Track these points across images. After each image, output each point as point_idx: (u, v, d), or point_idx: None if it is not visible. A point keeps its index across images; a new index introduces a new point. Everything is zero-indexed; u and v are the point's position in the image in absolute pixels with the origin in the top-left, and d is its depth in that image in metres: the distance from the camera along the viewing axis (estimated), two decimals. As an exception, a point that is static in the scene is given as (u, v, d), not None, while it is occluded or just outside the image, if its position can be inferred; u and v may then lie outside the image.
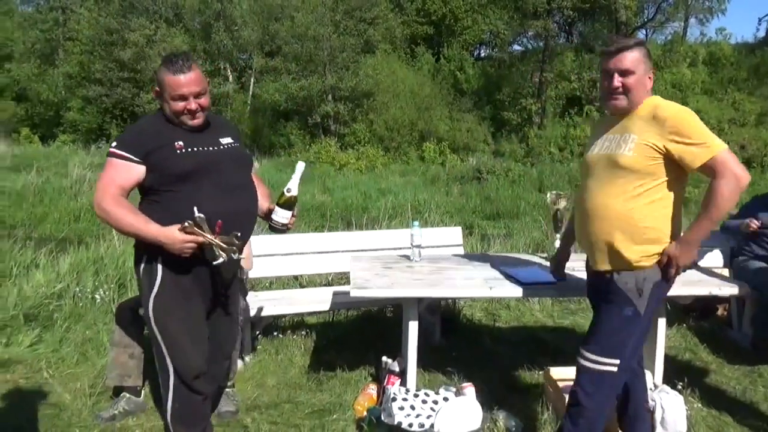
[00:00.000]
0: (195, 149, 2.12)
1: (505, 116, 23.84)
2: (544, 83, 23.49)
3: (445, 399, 2.76)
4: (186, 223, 1.99)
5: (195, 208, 2.01)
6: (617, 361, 2.14)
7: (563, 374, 3.07)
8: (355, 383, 3.28)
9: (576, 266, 2.84)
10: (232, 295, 2.38)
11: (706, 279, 2.96)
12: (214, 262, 2.05)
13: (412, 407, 2.70)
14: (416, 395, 2.77)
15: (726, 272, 4.02)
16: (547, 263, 3.22)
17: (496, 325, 4.38)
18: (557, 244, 3.27)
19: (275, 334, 3.96)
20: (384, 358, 3.18)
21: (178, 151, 2.09)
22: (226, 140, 2.24)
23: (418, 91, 23.93)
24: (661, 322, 3.01)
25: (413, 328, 2.88)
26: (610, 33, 25.10)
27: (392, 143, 22.55)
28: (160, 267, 2.13)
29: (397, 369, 3.04)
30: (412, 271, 3.07)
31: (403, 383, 2.96)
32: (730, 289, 2.85)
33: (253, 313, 3.55)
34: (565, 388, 2.95)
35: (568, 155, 21.00)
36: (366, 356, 3.55)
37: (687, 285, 2.80)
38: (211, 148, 2.17)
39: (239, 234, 2.07)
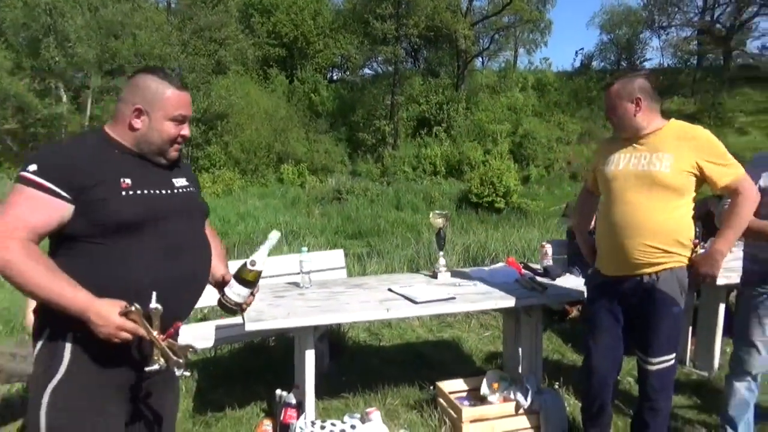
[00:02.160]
0: (145, 192, 1.58)
1: (360, 137, 24.49)
2: (395, 105, 24.53)
3: (353, 427, 2.73)
4: (133, 307, 1.43)
5: (153, 294, 1.48)
6: (674, 354, 2.44)
7: (454, 387, 3.20)
8: (247, 421, 3.12)
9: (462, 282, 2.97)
10: (164, 399, 1.77)
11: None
12: (147, 368, 1.49)
13: (319, 439, 2.63)
14: (323, 427, 2.71)
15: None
16: (434, 279, 3.35)
17: (381, 344, 4.43)
18: (441, 261, 3.42)
19: (151, 377, 3.63)
20: (278, 392, 3.06)
21: (124, 193, 1.54)
22: (180, 182, 1.73)
23: (274, 113, 23.73)
24: (539, 330, 3.28)
25: (310, 357, 2.82)
26: (452, 59, 27.04)
27: (249, 166, 22.04)
28: (68, 347, 1.52)
29: (293, 401, 2.94)
30: (305, 298, 3.01)
31: (302, 415, 2.87)
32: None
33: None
34: (458, 399, 3.08)
35: (420, 174, 22.10)
36: (255, 391, 3.39)
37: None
38: (162, 192, 1.64)
39: (193, 348, 1.56)
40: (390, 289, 3.10)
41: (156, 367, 1.48)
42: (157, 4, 24.74)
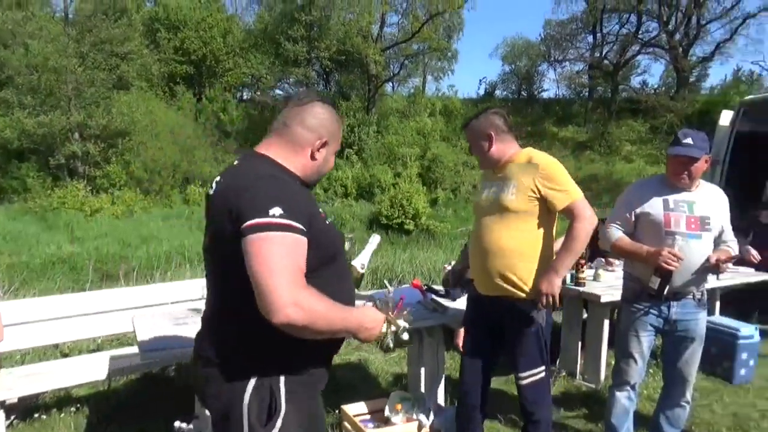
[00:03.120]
0: (328, 221, 1.61)
1: (271, 158, 24.10)
2: (307, 127, 24.45)
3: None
4: (378, 301, 1.66)
5: (387, 283, 1.83)
6: (543, 367, 2.58)
7: (358, 410, 3.22)
8: (142, 456, 2.97)
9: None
10: None
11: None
12: (388, 347, 1.66)
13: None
14: (222, 457, 2.63)
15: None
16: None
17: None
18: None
19: (36, 416, 3.37)
20: (177, 423, 2.94)
21: (327, 222, 1.58)
22: None
23: (180, 132, 22.95)
24: (441, 349, 3.39)
25: (211, 385, 2.74)
26: (363, 83, 27.53)
27: (153, 186, 21.10)
28: (282, 388, 1.48)
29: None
30: (206, 325, 2.93)
31: (202, 447, 2.78)
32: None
33: (4, 396, 2.98)
34: (362, 422, 3.11)
35: (332, 195, 22.17)
36: (155, 423, 3.24)
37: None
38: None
39: (412, 310, 1.77)
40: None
41: (390, 342, 1.65)
42: (53, 14, 23.36)
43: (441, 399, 3.30)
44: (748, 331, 4.40)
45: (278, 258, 1.33)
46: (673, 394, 2.97)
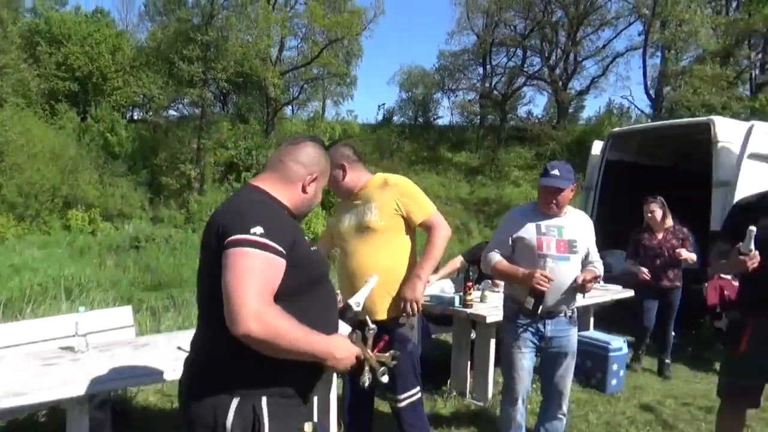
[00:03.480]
0: (314, 248, 1.79)
1: (163, 181, 23.17)
2: (202, 150, 23.77)
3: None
4: (354, 334, 1.66)
5: (368, 319, 1.75)
6: (418, 387, 2.66)
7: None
8: None
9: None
10: None
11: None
12: (363, 384, 1.67)
13: None
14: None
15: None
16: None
17: (174, 407, 4.16)
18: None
19: None
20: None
21: (312, 248, 1.72)
22: None
23: (61, 153, 21.38)
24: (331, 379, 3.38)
25: (84, 430, 2.55)
26: (261, 106, 27.23)
27: (28, 211, 19.41)
28: (264, 408, 1.52)
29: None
30: (81, 363, 2.73)
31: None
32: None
33: None
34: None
35: (229, 220, 21.49)
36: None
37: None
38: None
39: (397, 354, 1.77)
40: (179, 347, 2.97)
41: (367, 380, 1.67)
42: None
43: (333, 427, 3.28)
44: (617, 344, 4.79)
45: (250, 272, 1.42)
46: (550, 407, 3.16)
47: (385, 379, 1.70)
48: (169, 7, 26.47)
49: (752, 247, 2.67)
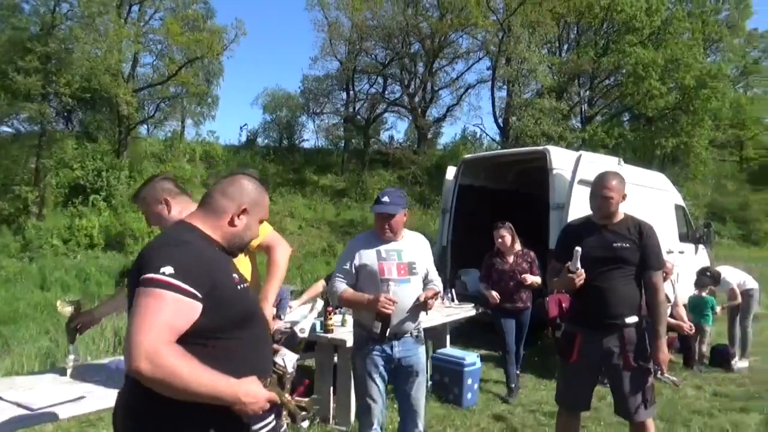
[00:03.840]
0: (245, 285, 1.74)
1: (-6, 205, 20.55)
2: (42, 170, 21.52)
3: None
4: (269, 379, 1.62)
5: (288, 363, 1.77)
6: (273, 415, 2.65)
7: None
8: None
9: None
10: None
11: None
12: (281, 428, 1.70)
13: None
14: None
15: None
16: (63, 378, 2.98)
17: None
18: (71, 356, 3.06)
19: None
20: None
21: (239, 287, 1.68)
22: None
23: None
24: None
25: None
26: (112, 124, 25.36)
27: None
28: None
29: None
30: None
31: None
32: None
33: None
34: None
35: (74, 247, 19.62)
36: None
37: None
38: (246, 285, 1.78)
39: (318, 398, 1.68)
40: (1, 398, 2.62)
41: (284, 426, 1.67)
42: None
43: None
44: (471, 359, 5.07)
45: (151, 312, 1.43)
46: (407, 426, 3.25)
47: (305, 424, 1.74)
48: (2, 14, 23.84)
49: (578, 265, 2.99)
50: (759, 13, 34.25)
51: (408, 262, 3.13)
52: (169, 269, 1.48)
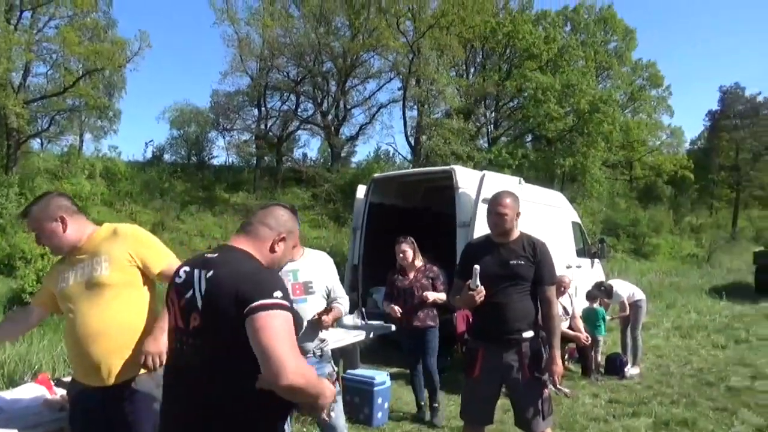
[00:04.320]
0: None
1: None
2: None
3: None
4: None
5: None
6: None
7: None
8: None
9: None
10: None
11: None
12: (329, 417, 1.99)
13: None
14: None
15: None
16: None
17: None
18: None
19: None
20: None
21: None
22: None
23: None
24: None
25: None
26: (0, 138, 23.42)
27: None
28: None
29: None
30: None
31: None
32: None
33: None
34: None
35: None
36: None
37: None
38: None
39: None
40: None
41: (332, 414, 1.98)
42: None
43: None
44: (381, 378, 5.08)
45: (283, 332, 1.67)
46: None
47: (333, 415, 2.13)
48: None
49: (478, 282, 3.10)
50: (640, 44, 37.40)
51: (304, 282, 3.13)
52: (279, 293, 1.73)
